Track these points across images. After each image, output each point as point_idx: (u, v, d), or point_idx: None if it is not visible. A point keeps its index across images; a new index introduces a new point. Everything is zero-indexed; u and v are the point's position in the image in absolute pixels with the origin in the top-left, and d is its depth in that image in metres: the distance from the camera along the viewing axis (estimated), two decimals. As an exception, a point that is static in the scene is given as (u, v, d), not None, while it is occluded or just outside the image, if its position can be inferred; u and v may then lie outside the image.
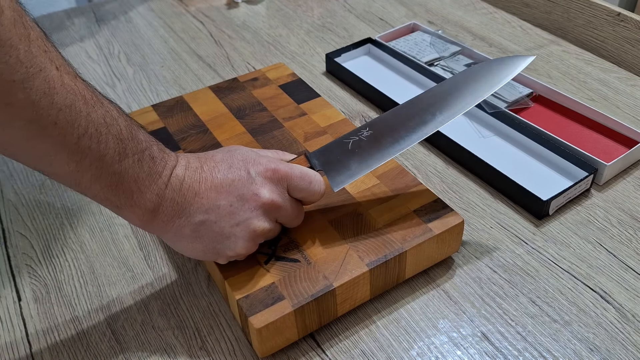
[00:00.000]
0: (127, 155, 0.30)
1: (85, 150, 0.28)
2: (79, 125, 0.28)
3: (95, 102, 0.29)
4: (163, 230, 0.33)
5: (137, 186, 0.31)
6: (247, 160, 0.35)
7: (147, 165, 0.31)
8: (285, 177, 0.35)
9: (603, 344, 0.36)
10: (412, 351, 0.36)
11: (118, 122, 0.30)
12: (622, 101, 0.57)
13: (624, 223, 0.44)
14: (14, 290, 0.42)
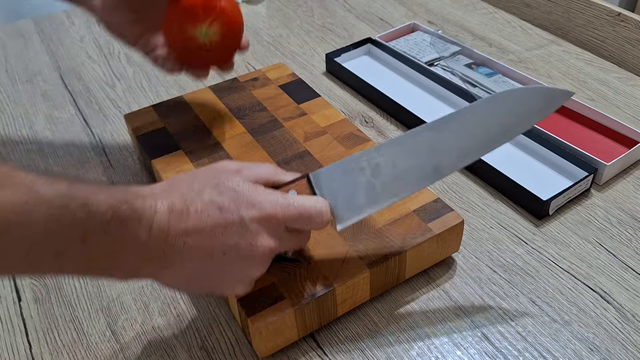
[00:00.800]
0: (88, 236, 0.26)
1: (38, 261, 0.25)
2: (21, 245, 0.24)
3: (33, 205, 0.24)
4: (155, 278, 0.31)
5: (113, 258, 0.28)
6: (239, 199, 0.30)
7: (117, 232, 0.27)
8: (282, 220, 0.31)
9: (603, 343, 0.36)
10: (412, 351, 0.36)
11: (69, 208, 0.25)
12: (622, 101, 0.57)
13: (623, 223, 0.44)
14: (14, 291, 0.42)
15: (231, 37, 0.43)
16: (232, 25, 0.43)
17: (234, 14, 0.43)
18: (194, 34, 0.42)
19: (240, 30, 0.44)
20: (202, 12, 0.41)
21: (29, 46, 0.72)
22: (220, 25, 0.42)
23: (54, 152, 0.55)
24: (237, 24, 0.43)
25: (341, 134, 0.48)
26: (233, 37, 0.44)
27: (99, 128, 0.57)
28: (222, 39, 0.43)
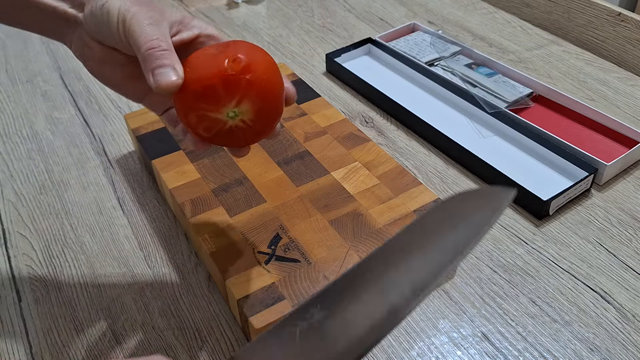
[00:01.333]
0: None
1: None
2: None
3: None
4: None
5: None
6: None
7: None
8: None
9: (603, 344, 0.36)
10: (412, 351, 0.36)
11: None
12: (623, 101, 0.57)
13: (624, 223, 0.44)
14: (14, 291, 0.42)
15: (270, 107, 0.31)
16: (269, 93, 0.30)
17: (267, 77, 0.30)
18: (218, 118, 0.30)
19: (280, 93, 0.31)
20: (223, 92, 0.29)
21: (29, 46, 0.72)
22: (253, 100, 0.29)
23: (54, 152, 0.55)
24: (275, 88, 0.31)
25: (341, 134, 0.48)
26: (273, 106, 0.31)
27: (99, 128, 0.57)
28: (258, 114, 0.30)
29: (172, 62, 0.29)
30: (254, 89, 0.29)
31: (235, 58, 0.29)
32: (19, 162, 0.54)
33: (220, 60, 0.29)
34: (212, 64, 0.29)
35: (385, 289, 0.24)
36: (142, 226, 0.46)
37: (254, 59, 0.30)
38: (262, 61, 0.30)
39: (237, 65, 0.29)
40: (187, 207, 0.41)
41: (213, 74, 0.29)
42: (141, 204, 0.48)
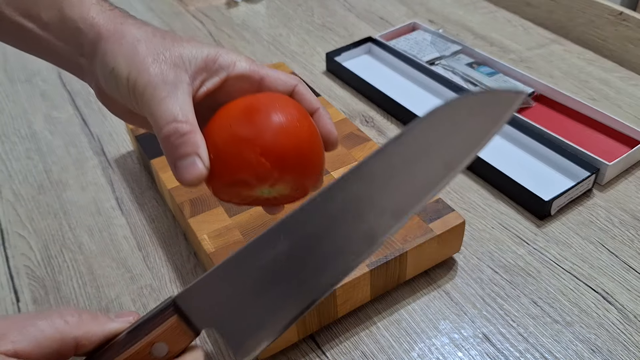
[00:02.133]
0: None
1: None
2: None
3: None
4: None
5: None
6: None
7: None
8: None
9: (605, 344, 0.36)
10: (413, 352, 0.36)
11: None
12: (624, 101, 0.57)
13: (625, 223, 0.44)
14: (12, 291, 0.41)
15: (308, 179, 0.28)
16: (305, 169, 0.27)
17: (303, 156, 0.27)
18: (252, 194, 0.28)
19: (319, 161, 0.28)
20: (255, 181, 0.26)
21: (28, 45, 0.71)
22: (288, 181, 0.27)
23: (52, 151, 0.54)
24: (312, 162, 0.27)
25: (341, 133, 0.48)
26: (310, 177, 0.28)
27: (98, 128, 0.57)
28: (295, 187, 0.27)
29: (194, 148, 0.25)
30: (288, 174, 0.26)
31: (267, 149, 0.25)
32: (18, 162, 0.54)
33: (250, 150, 0.25)
34: (241, 152, 0.25)
35: (363, 213, 0.22)
36: (141, 226, 0.46)
37: (288, 139, 0.26)
38: (298, 138, 0.26)
39: (269, 157, 0.25)
40: (186, 207, 0.41)
41: (243, 166, 0.26)
42: (140, 204, 0.48)
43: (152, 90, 0.25)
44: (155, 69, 0.26)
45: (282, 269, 0.22)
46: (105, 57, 0.27)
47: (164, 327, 0.21)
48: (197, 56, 0.27)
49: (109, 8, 0.30)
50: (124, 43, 0.27)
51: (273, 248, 0.22)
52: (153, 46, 0.27)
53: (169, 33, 0.29)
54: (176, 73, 0.26)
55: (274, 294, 0.22)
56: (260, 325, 0.22)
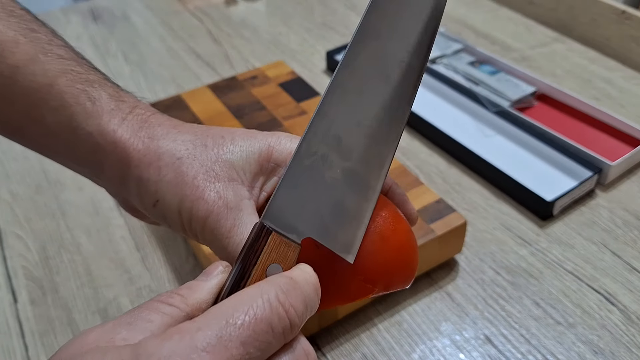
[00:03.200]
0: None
1: None
2: None
3: None
4: None
5: None
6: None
7: None
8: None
9: (607, 346, 0.35)
10: (414, 354, 0.35)
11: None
12: (627, 100, 0.57)
13: (628, 224, 0.44)
14: (10, 292, 0.41)
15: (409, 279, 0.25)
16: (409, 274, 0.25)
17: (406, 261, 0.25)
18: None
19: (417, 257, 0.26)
20: (355, 300, 0.24)
21: (27, 44, 0.71)
22: (391, 288, 0.25)
23: (51, 151, 0.54)
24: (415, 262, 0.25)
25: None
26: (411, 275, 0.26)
27: (97, 127, 0.57)
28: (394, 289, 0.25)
29: None
30: (392, 286, 0.24)
31: (370, 272, 0.23)
32: (15, 162, 0.53)
33: (352, 279, 0.22)
34: (342, 283, 0.23)
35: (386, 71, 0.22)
36: (139, 227, 0.45)
37: (389, 254, 0.23)
38: (399, 249, 0.24)
39: (374, 280, 0.23)
40: (185, 208, 0.41)
41: (345, 296, 0.23)
42: (139, 204, 0.48)
43: (216, 221, 0.22)
44: (212, 194, 0.22)
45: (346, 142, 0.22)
46: (142, 188, 0.23)
47: (269, 249, 0.20)
48: (250, 161, 0.23)
49: (128, 110, 0.24)
50: (162, 167, 0.22)
51: (324, 138, 0.22)
52: (198, 162, 0.23)
53: (207, 133, 0.24)
54: (235, 191, 0.23)
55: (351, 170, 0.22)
56: (346, 213, 0.22)
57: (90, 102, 0.24)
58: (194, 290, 0.19)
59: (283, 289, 0.18)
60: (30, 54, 0.24)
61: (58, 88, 0.23)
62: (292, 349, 0.18)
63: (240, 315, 0.17)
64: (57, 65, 0.24)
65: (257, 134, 0.24)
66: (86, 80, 0.24)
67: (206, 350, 0.16)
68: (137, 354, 0.16)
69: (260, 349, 0.17)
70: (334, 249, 0.21)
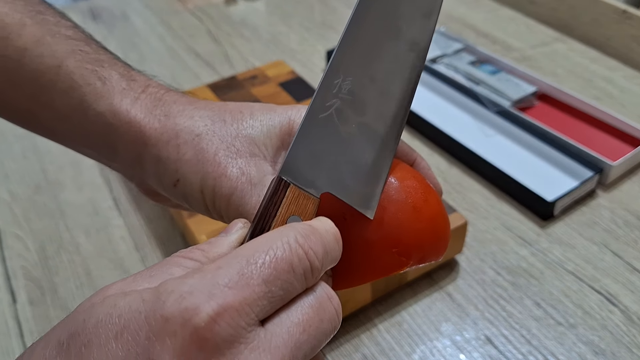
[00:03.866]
0: None
1: None
2: None
3: None
4: None
5: None
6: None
7: None
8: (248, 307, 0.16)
9: (608, 347, 0.35)
10: (415, 355, 0.35)
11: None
12: (628, 100, 0.56)
13: (630, 224, 0.44)
14: (9, 292, 0.41)
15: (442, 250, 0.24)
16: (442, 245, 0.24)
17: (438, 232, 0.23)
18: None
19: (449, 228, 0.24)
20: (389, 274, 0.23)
21: (26, 43, 0.71)
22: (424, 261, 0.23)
23: (49, 151, 0.54)
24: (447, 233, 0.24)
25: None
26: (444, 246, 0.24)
27: (96, 126, 0.57)
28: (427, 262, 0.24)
29: None
30: (427, 258, 0.23)
31: (404, 245, 0.22)
32: (14, 162, 0.53)
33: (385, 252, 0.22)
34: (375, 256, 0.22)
35: (397, 25, 0.22)
36: (139, 227, 0.45)
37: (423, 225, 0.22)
38: (431, 219, 0.23)
39: (409, 252, 0.22)
40: (184, 208, 0.41)
41: (377, 270, 0.22)
42: (137, 204, 0.47)
43: (240, 197, 0.22)
44: (235, 170, 0.22)
45: (354, 109, 0.21)
46: (161, 168, 0.22)
47: (288, 202, 0.20)
48: (271, 135, 0.23)
49: (141, 89, 0.23)
50: (182, 145, 0.22)
51: (335, 91, 0.21)
52: (218, 138, 0.22)
53: (225, 109, 0.23)
54: (257, 167, 0.22)
55: (367, 125, 0.22)
56: (364, 168, 0.21)
57: (101, 82, 0.23)
58: (214, 245, 0.19)
59: (302, 232, 0.18)
60: (38, 36, 0.23)
61: (67, 69, 0.23)
62: (314, 292, 0.18)
63: (260, 255, 0.16)
64: (65, 46, 0.23)
65: (276, 108, 0.24)
66: (96, 60, 0.23)
67: (228, 286, 0.16)
68: (158, 293, 0.16)
69: (282, 288, 0.16)
70: (352, 204, 0.21)
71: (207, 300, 0.15)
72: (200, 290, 0.16)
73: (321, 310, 0.17)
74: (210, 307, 0.15)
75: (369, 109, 0.22)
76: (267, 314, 0.16)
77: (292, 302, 0.17)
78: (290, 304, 0.17)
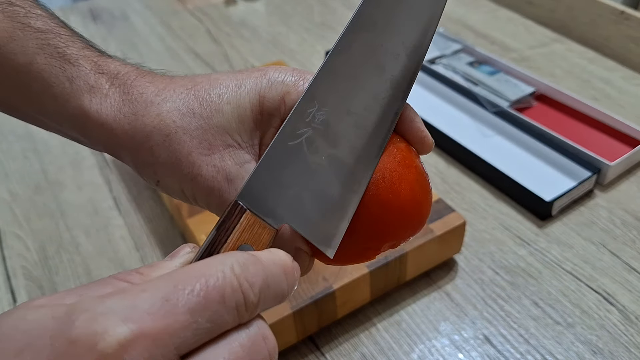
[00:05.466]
0: None
1: None
2: None
3: None
4: None
5: None
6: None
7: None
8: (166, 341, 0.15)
9: (606, 346, 0.35)
10: (413, 354, 0.35)
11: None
12: (626, 100, 0.57)
13: (627, 224, 0.44)
14: (9, 292, 0.41)
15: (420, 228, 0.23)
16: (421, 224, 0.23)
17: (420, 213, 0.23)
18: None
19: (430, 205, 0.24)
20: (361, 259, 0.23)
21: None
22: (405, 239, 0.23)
23: (49, 151, 0.54)
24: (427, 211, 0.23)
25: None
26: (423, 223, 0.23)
27: (96, 126, 0.57)
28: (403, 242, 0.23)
29: None
30: (407, 237, 0.23)
31: (371, 250, 0.22)
32: (14, 162, 0.53)
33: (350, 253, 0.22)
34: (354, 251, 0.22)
35: (380, 62, 0.21)
36: (139, 227, 0.45)
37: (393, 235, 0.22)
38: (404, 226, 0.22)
39: (375, 254, 0.22)
40: (184, 208, 0.41)
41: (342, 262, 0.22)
42: (137, 204, 0.47)
43: (219, 196, 0.21)
44: (209, 169, 0.21)
45: (325, 140, 0.21)
46: (140, 170, 0.22)
47: (241, 228, 0.19)
48: (243, 119, 0.22)
49: (108, 83, 0.22)
50: (154, 148, 0.21)
51: (308, 120, 0.20)
52: (188, 135, 0.21)
53: (192, 92, 0.22)
54: (233, 158, 0.21)
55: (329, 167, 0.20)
56: (330, 203, 0.20)
57: (69, 82, 0.22)
58: (155, 268, 0.18)
59: (240, 261, 0.16)
60: (9, 31, 0.22)
61: (37, 66, 0.22)
62: (248, 329, 0.16)
63: (191, 281, 0.15)
64: (34, 41, 0.22)
65: (244, 81, 0.22)
66: (62, 55, 0.22)
67: (148, 311, 0.14)
68: (70, 310, 0.14)
69: (210, 320, 0.15)
70: (313, 241, 0.20)
71: (120, 324, 0.14)
72: (116, 313, 0.14)
73: (253, 350, 0.16)
74: (122, 332, 0.14)
75: (341, 142, 0.21)
76: (190, 348, 0.15)
77: (221, 337, 0.15)
78: (218, 339, 0.15)
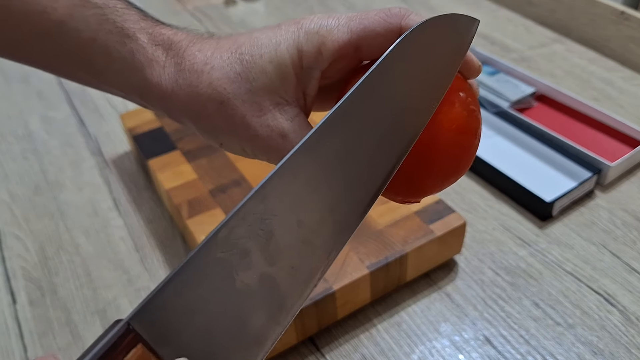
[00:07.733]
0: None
1: None
2: None
3: None
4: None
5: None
6: None
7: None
8: None
9: (607, 347, 0.35)
10: (414, 355, 0.35)
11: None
12: (627, 101, 0.57)
13: (628, 224, 0.44)
14: (9, 293, 0.41)
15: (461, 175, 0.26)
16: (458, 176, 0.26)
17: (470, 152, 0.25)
18: None
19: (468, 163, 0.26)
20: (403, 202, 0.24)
21: (26, 44, 0.71)
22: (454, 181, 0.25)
23: (49, 152, 0.54)
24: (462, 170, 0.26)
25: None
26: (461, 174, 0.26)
27: (95, 128, 0.57)
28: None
29: None
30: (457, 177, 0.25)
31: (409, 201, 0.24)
32: (14, 162, 0.53)
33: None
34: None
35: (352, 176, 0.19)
36: (138, 227, 0.45)
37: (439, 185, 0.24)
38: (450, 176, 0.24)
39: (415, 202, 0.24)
40: (184, 208, 0.41)
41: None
42: (137, 205, 0.47)
43: (276, 151, 0.22)
44: (265, 130, 0.22)
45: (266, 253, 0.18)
46: (203, 135, 0.23)
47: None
48: (285, 77, 0.22)
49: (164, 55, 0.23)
50: (212, 116, 0.22)
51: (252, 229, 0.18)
52: (240, 100, 0.22)
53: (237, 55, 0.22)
54: (284, 115, 0.22)
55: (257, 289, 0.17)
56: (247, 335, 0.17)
57: (130, 56, 0.23)
58: None
59: None
60: (70, 8, 0.23)
61: (100, 42, 0.23)
62: None
63: None
64: (94, 17, 0.23)
65: (282, 37, 0.22)
66: (121, 30, 0.23)
67: None
68: None
69: None
70: None
71: None
72: None
73: None
74: None
75: (282, 260, 0.18)
76: None
77: None
78: None
